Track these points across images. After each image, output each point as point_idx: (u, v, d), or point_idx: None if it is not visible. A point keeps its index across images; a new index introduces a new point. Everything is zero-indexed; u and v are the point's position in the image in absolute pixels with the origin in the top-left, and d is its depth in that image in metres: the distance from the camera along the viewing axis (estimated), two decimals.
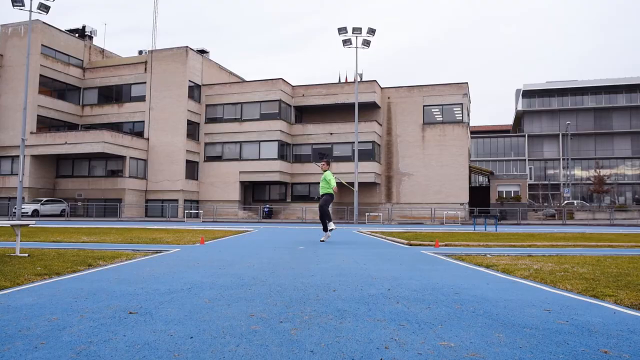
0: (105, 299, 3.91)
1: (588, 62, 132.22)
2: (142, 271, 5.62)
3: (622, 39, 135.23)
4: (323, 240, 11.22)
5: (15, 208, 32.38)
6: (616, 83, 70.37)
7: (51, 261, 6.34)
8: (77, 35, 43.77)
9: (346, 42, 34.76)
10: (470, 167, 41.18)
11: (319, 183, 12.27)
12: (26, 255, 6.99)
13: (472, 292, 4.40)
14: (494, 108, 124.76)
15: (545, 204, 60.38)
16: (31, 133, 36.87)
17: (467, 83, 39.14)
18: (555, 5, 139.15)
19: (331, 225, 11.32)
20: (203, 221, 32.05)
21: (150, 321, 3.16)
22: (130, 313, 3.38)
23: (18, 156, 34.34)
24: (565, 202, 53.95)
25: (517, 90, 77.37)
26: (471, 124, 45.75)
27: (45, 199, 36.52)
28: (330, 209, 12.11)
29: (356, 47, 34.53)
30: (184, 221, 31.88)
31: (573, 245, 10.68)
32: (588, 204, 55.39)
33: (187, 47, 39.45)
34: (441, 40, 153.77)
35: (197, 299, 3.95)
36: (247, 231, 16.99)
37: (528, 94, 73.99)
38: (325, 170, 11.78)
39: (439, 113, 39.27)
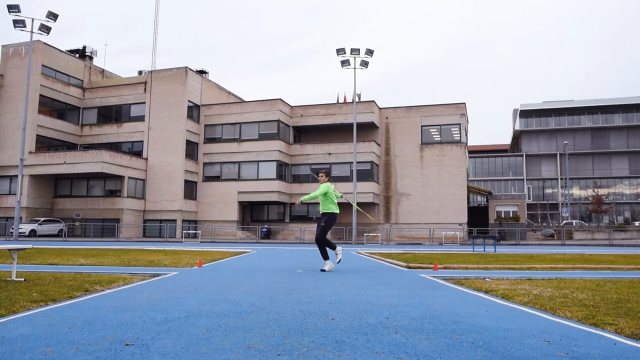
0: (101, 328, 3.87)
1: (584, 83, 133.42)
2: (139, 297, 5.58)
3: (617, 60, 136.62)
4: (325, 270, 9.29)
5: (12, 228, 32.27)
6: (612, 103, 70.94)
7: (47, 286, 6.29)
8: (77, 55, 44.10)
9: (344, 63, 35.06)
10: (468, 187, 41.23)
11: (319, 204, 9.77)
12: (22, 279, 6.94)
13: (471, 320, 4.37)
14: (491, 127, 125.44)
15: (544, 224, 60.32)
16: (30, 153, 36.91)
17: (464, 103, 39.39)
18: (551, 27, 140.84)
19: (339, 254, 9.52)
20: (201, 241, 31.93)
21: (146, 354, 3.12)
22: (126, 345, 3.35)
23: (16, 176, 34.31)
24: (564, 222, 53.91)
25: (515, 110, 77.88)
26: (469, 144, 45.93)
27: (42, 218, 36.40)
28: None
29: (354, 68, 34.81)
30: (182, 241, 31.76)
31: (572, 267, 10.64)
32: (587, 224, 55.35)
33: (186, 67, 39.74)
34: (439, 61, 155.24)
35: (194, 328, 3.91)
36: (246, 252, 16.92)
37: (525, 113, 74.47)
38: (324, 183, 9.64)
39: (437, 133, 39.44)
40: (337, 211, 9.60)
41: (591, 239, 38.51)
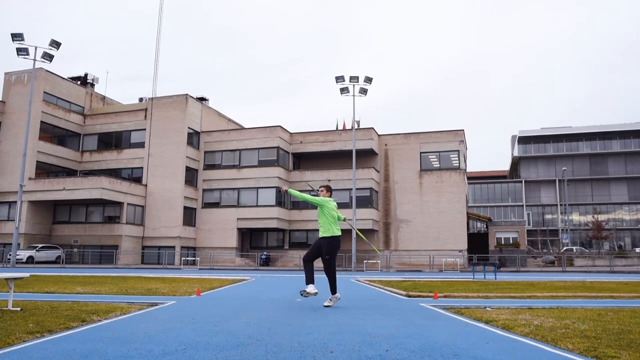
0: None
1: (581, 109, 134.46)
2: (136, 328, 5.52)
3: (614, 87, 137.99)
4: (329, 305, 8.00)
5: (10, 254, 32.09)
6: (610, 129, 71.40)
7: (44, 316, 6.23)
8: (79, 82, 44.53)
9: (343, 91, 35.38)
10: (468, 213, 41.18)
11: (318, 230, 8.28)
12: (19, 309, 6.88)
13: (471, 352, 4.32)
14: (490, 154, 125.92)
15: (544, 250, 60.04)
16: (29, 179, 36.94)
17: (463, 130, 39.63)
18: (549, 55, 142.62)
19: (310, 288, 7.99)
20: (200, 268, 31.72)
21: None
22: None
23: (16, 202, 34.26)
24: (565, 248, 53.68)
25: (513, 137, 78.30)
26: (468, 170, 46.05)
27: (40, 245, 36.23)
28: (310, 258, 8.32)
29: (353, 96, 35.12)
30: (180, 268, 31.55)
31: (573, 296, 10.56)
32: (587, 250, 55.09)
33: (186, 94, 40.08)
34: (437, 88, 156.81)
35: None
36: (244, 280, 16.80)
37: (523, 140, 74.85)
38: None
39: (435, 160, 39.58)
40: (340, 233, 8.07)
41: (592, 265, 38.28)
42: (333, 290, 8.14)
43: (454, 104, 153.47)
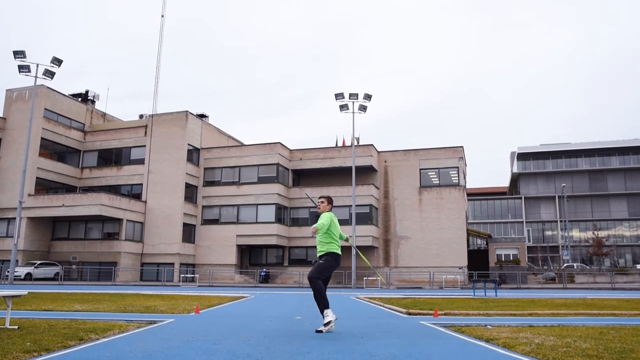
0: None
1: (580, 125, 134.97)
2: (134, 347, 5.48)
3: (613, 104, 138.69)
4: (321, 331, 6.87)
5: (8, 271, 31.93)
6: (609, 146, 71.62)
7: (41, 334, 6.19)
8: (80, 99, 44.75)
9: (343, 108, 35.54)
10: (468, 230, 41.11)
11: (316, 247, 7.52)
12: (16, 327, 6.83)
13: None
14: (489, 170, 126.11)
15: (545, 267, 59.81)
16: (29, 195, 36.91)
17: (462, 147, 39.73)
18: (547, 72, 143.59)
19: (329, 315, 6.90)
20: (199, 285, 31.55)
21: None
22: None
23: (15, 218, 34.18)
24: (565, 265, 53.48)
25: (512, 153, 78.49)
26: (467, 186, 46.05)
27: (39, 262, 36.07)
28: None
29: (353, 112, 35.26)
30: (179, 285, 31.38)
31: (574, 313, 10.50)
32: (588, 267, 54.88)
33: (187, 111, 40.25)
34: (436, 105, 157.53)
35: None
36: (244, 297, 16.70)
37: (523, 156, 75.03)
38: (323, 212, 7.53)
39: (435, 176, 39.61)
40: (340, 252, 7.27)
41: (593, 282, 38.10)
42: (322, 307, 7.01)
43: (454, 121, 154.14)
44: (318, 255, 7.31)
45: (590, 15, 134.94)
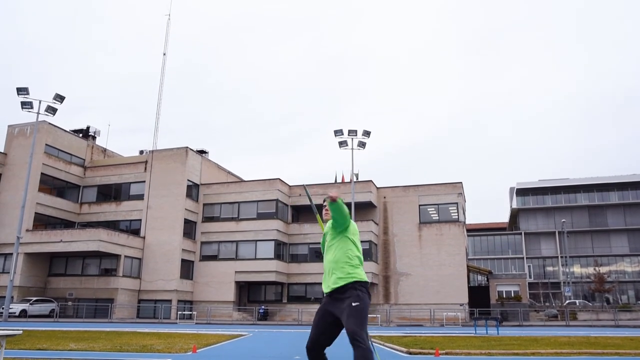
0: None
1: (578, 161, 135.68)
2: None
3: (610, 140, 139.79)
4: None
5: (2, 308, 31.49)
6: (607, 181, 71.81)
7: None
8: (81, 135, 45.04)
9: (342, 144, 35.80)
10: (468, 266, 40.83)
11: (319, 283, 5.42)
12: None
13: None
14: (489, 206, 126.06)
15: (547, 304, 59.12)
16: (27, 230, 36.74)
17: (461, 183, 39.84)
18: (546, 110, 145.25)
19: None
20: (196, 323, 31.11)
21: None
22: None
23: (12, 253, 33.93)
24: (567, 301, 52.87)
25: (511, 189, 78.62)
26: (467, 222, 45.97)
27: (34, 298, 35.60)
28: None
29: (352, 149, 35.52)
30: (176, 323, 30.93)
31: (578, 352, 10.33)
32: (590, 304, 54.25)
33: (187, 147, 40.49)
34: (435, 140, 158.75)
35: None
36: (242, 335, 16.45)
37: (522, 192, 75.14)
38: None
39: (434, 212, 39.58)
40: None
41: (596, 319, 37.57)
42: None
43: (453, 156, 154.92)
44: (334, 287, 4.29)
45: (591, 53, 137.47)
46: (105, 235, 36.25)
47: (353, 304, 4.17)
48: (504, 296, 40.79)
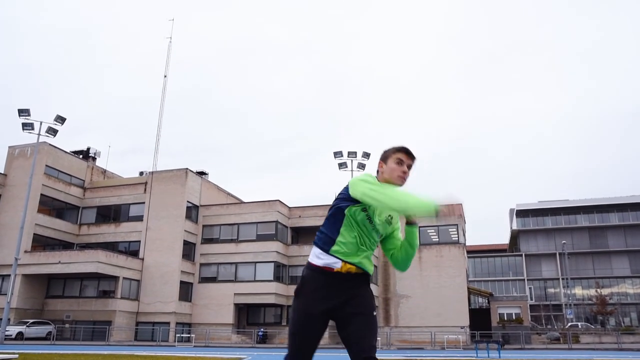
0: None
1: (578, 182, 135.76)
2: None
3: (610, 160, 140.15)
4: None
5: None
6: (607, 202, 71.79)
7: None
8: (81, 156, 45.14)
9: (342, 166, 35.90)
10: (469, 288, 40.57)
11: None
12: None
13: None
14: (488, 227, 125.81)
15: (549, 326, 58.62)
16: (25, 252, 36.56)
17: (461, 204, 39.77)
18: (546, 132, 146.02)
19: None
20: (195, 346, 30.77)
21: None
22: None
23: (9, 275, 33.69)
24: (569, 324, 52.41)
25: (511, 210, 78.55)
26: (467, 243, 45.80)
27: (31, 320, 35.25)
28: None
29: (352, 170, 35.60)
30: (174, 346, 30.60)
31: None
32: (593, 326, 53.77)
33: (187, 169, 40.55)
34: (434, 161, 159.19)
35: None
36: (241, 359, 16.27)
37: (522, 213, 75.06)
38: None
39: (434, 234, 39.48)
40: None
41: (599, 342, 37.18)
42: None
43: (452, 177, 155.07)
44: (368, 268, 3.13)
45: (590, 75, 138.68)
46: (104, 257, 36.07)
47: (374, 312, 3.03)
48: (505, 319, 40.45)
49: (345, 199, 3.21)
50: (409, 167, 3.24)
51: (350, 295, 3.00)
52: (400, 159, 3.22)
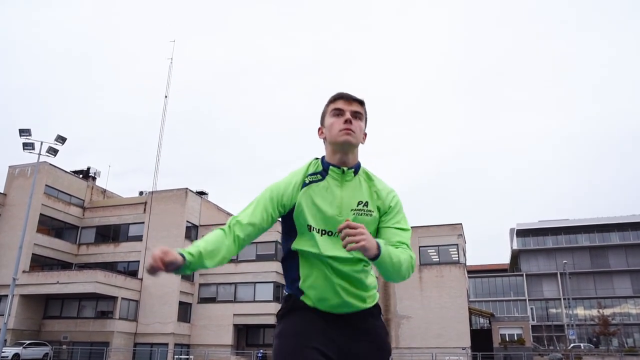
0: None
1: (577, 201, 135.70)
2: None
3: (610, 181, 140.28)
4: None
5: None
6: (608, 222, 71.55)
7: None
8: (81, 176, 45.13)
9: None
10: (470, 308, 40.27)
11: None
12: None
13: None
14: (489, 247, 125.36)
15: (551, 347, 58.00)
16: (23, 272, 36.33)
17: (461, 224, 39.74)
18: (544, 153, 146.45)
19: None
20: None
21: None
22: None
23: (7, 295, 33.43)
24: (572, 345, 51.85)
25: (512, 229, 78.32)
26: (467, 263, 45.61)
27: (28, 341, 34.86)
28: None
29: None
30: None
31: None
32: (595, 348, 53.20)
33: (186, 189, 40.52)
34: (434, 181, 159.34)
35: None
36: None
37: (522, 233, 74.82)
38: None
39: (435, 254, 39.32)
40: None
41: None
42: None
43: (452, 197, 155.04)
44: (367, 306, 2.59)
45: (594, 96, 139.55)
46: (102, 277, 35.84)
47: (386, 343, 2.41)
48: (507, 339, 40.06)
49: None
50: (355, 114, 2.40)
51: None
52: (337, 109, 2.44)
